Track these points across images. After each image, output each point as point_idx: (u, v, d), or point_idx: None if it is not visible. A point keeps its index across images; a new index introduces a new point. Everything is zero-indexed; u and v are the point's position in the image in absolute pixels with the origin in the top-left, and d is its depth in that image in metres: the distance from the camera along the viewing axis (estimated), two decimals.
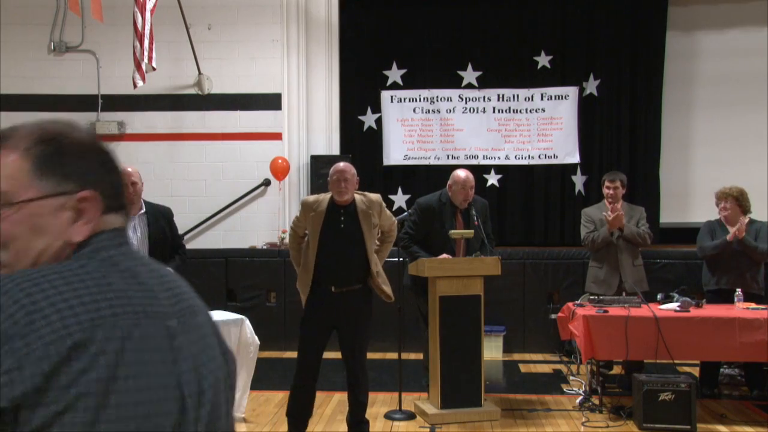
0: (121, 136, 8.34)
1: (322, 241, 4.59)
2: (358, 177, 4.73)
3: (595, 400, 5.57)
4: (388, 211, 4.87)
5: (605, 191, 6.22)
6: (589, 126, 8.66)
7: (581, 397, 5.70)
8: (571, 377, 6.60)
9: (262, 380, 5.74)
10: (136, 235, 4.60)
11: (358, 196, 4.72)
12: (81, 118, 8.31)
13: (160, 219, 4.70)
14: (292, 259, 4.89)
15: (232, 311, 5.78)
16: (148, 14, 6.85)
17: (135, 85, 6.90)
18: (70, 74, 8.36)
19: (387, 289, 4.78)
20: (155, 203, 4.80)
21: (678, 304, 5.47)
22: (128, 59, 6.95)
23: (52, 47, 8.32)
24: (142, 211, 4.65)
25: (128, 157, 7.92)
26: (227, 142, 8.38)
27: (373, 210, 4.68)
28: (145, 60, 6.83)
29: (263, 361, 5.67)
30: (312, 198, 4.79)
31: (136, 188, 4.57)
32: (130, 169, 4.61)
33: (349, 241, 4.61)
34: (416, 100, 8.75)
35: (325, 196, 4.71)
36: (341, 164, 4.73)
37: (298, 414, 4.77)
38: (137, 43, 6.79)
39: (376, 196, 4.80)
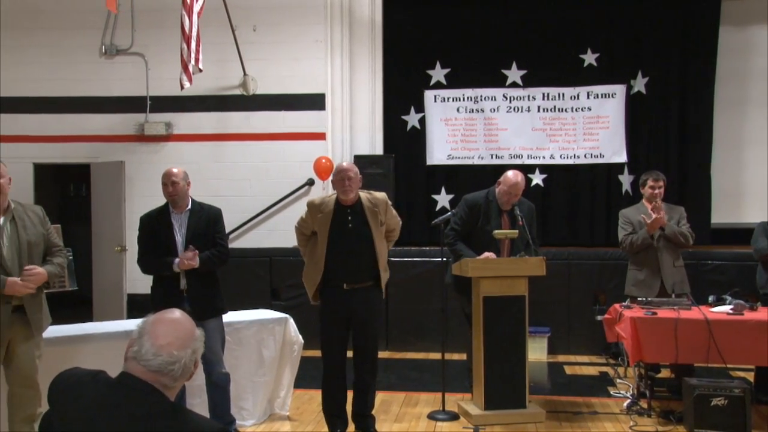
0: (168, 137, 8.48)
1: (332, 241, 4.68)
2: (361, 176, 4.80)
3: (644, 404, 5.44)
4: (394, 211, 4.93)
5: (648, 191, 6.08)
6: (637, 125, 8.50)
7: (629, 401, 5.58)
8: (618, 380, 6.47)
9: (306, 379, 5.77)
10: (181, 231, 4.67)
11: (363, 195, 4.79)
12: (130, 120, 8.51)
13: (204, 217, 4.74)
14: (302, 255, 4.94)
15: (276, 310, 5.83)
16: (195, 17, 6.95)
17: (182, 87, 7.00)
18: (120, 76, 8.54)
19: (382, 285, 4.86)
20: (205, 203, 4.85)
21: (731, 306, 5.31)
22: (176, 61, 7.06)
23: (104, 50, 8.51)
24: (188, 209, 4.71)
25: (174, 157, 8.07)
26: (271, 142, 8.46)
27: (380, 208, 4.75)
28: (192, 62, 6.93)
29: (307, 359, 5.69)
30: (318, 199, 4.88)
31: (177, 188, 4.63)
32: (175, 170, 4.69)
33: (357, 239, 4.69)
34: (460, 100, 8.71)
35: (331, 197, 4.82)
36: (344, 163, 4.84)
37: (334, 411, 4.84)
38: (184, 46, 6.90)
39: (382, 195, 4.87)
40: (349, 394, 4.93)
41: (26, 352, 4.11)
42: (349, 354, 4.87)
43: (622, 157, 8.47)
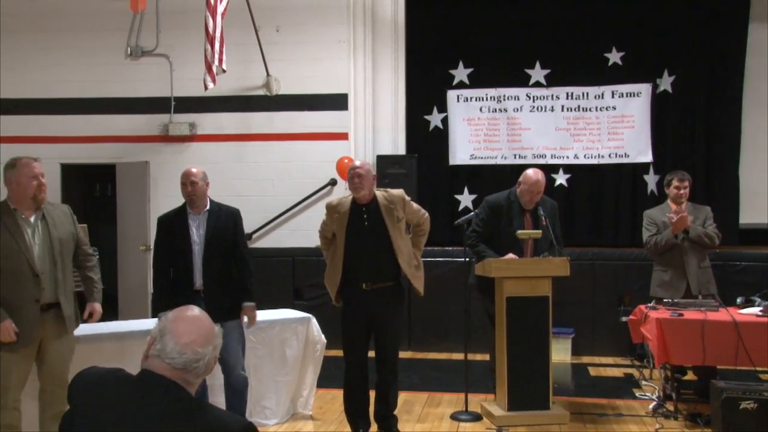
0: (192, 137, 8.54)
1: (349, 241, 4.70)
2: (374, 173, 4.83)
3: (670, 407, 5.38)
4: (415, 205, 4.90)
5: (673, 191, 6.00)
6: (663, 124, 8.39)
7: (654, 403, 5.52)
8: (644, 382, 6.40)
9: (329, 378, 5.78)
10: (199, 232, 4.68)
11: (379, 193, 4.80)
12: (154, 120, 8.58)
13: (222, 218, 4.75)
14: (325, 258, 4.97)
15: (298, 310, 5.85)
16: (219, 18, 6.99)
17: (206, 87, 7.04)
18: (145, 77, 8.62)
19: (416, 283, 4.82)
20: (223, 204, 4.87)
21: (760, 308, 5.22)
22: (200, 62, 7.10)
23: (129, 52, 8.59)
24: (207, 209, 4.73)
25: (198, 157, 8.12)
26: (294, 142, 8.48)
27: (396, 205, 4.74)
28: (216, 62, 6.97)
29: (329, 359, 5.70)
30: (335, 200, 4.90)
31: (196, 188, 4.65)
32: (194, 170, 4.71)
33: (374, 237, 4.68)
34: (483, 99, 8.66)
35: (347, 198, 4.83)
36: (356, 162, 4.89)
37: (356, 412, 4.84)
38: (208, 46, 6.94)
39: (398, 191, 4.87)
40: (372, 394, 4.92)
41: (58, 350, 4.17)
42: (372, 354, 4.87)
43: (647, 157, 8.37)
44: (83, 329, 4.49)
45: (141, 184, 8.48)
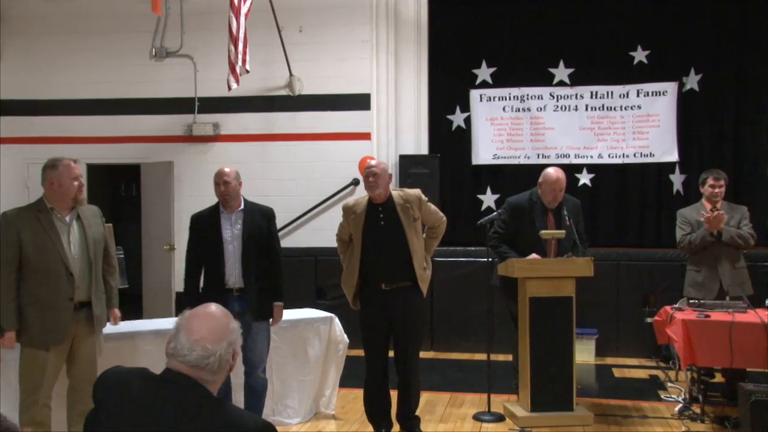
0: (216, 137, 8.59)
1: (365, 241, 4.70)
2: (390, 173, 4.82)
3: (696, 409, 5.31)
4: (432, 206, 4.87)
5: (708, 190, 5.91)
6: (689, 123, 8.29)
7: (680, 405, 5.45)
8: (669, 384, 6.33)
9: (351, 378, 5.78)
10: (233, 231, 4.70)
11: (395, 193, 4.78)
12: (179, 121, 8.65)
13: (257, 217, 4.78)
14: (342, 263, 4.96)
15: (321, 309, 5.87)
16: (242, 18, 7.02)
17: (229, 88, 7.08)
18: (169, 78, 8.69)
19: (423, 286, 4.77)
20: (256, 203, 4.90)
21: None
22: (223, 62, 7.14)
23: (154, 53, 8.66)
24: (241, 209, 4.76)
25: (222, 157, 8.16)
26: (316, 142, 8.50)
27: (412, 204, 4.71)
28: (239, 63, 7.00)
29: (352, 359, 5.70)
30: (351, 201, 4.92)
31: (229, 188, 4.68)
32: (227, 170, 4.74)
33: (390, 237, 4.67)
34: (506, 99, 8.62)
35: (363, 198, 4.83)
36: (372, 161, 4.87)
37: (377, 412, 4.84)
38: (232, 47, 6.97)
39: (414, 191, 4.85)
40: (394, 395, 4.92)
41: (89, 348, 4.23)
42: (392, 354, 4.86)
43: (673, 156, 8.28)
44: (108, 328, 4.54)
45: (165, 184, 8.56)
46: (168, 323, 5.19)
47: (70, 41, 8.80)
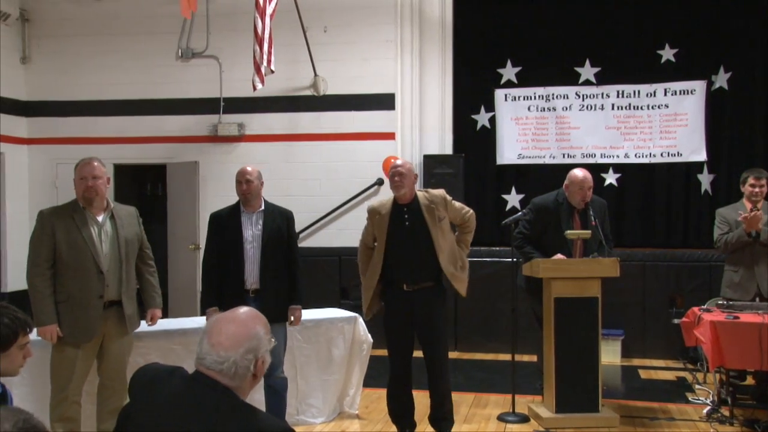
0: (241, 137, 8.64)
1: (390, 241, 4.66)
2: (416, 173, 4.79)
3: (725, 412, 5.23)
4: (457, 204, 4.82)
5: (748, 189, 5.79)
6: (718, 122, 8.17)
7: (709, 408, 5.37)
8: (697, 386, 6.25)
9: (375, 378, 5.77)
10: (252, 231, 4.71)
11: (420, 193, 4.75)
12: (204, 121, 8.71)
13: (277, 218, 4.78)
14: (360, 273, 4.91)
15: (345, 309, 5.87)
16: (267, 19, 7.05)
17: (254, 88, 7.11)
18: (195, 79, 8.76)
19: (458, 285, 4.73)
20: (276, 204, 4.91)
21: None
22: (248, 63, 7.18)
23: (179, 54, 8.73)
24: (261, 209, 4.76)
25: (247, 157, 8.21)
26: (341, 142, 8.51)
27: (437, 204, 4.68)
28: (264, 63, 7.03)
29: (376, 359, 5.70)
30: (376, 203, 4.89)
31: (251, 186, 4.69)
32: (249, 168, 4.75)
33: (415, 237, 4.63)
34: (531, 98, 8.57)
35: (388, 200, 4.80)
36: (397, 161, 4.85)
37: (401, 413, 4.82)
38: (257, 47, 7.01)
39: (439, 191, 4.81)
40: (416, 396, 4.89)
41: (118, 347, 4.28)
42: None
43: (701, 156, 8.16)
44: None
45: (191, 184, 8.63)
46: (193, 322, 5.24)
47: (97, 43, 8.91)
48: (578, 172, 5.44)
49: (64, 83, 8.96)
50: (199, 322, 5.12)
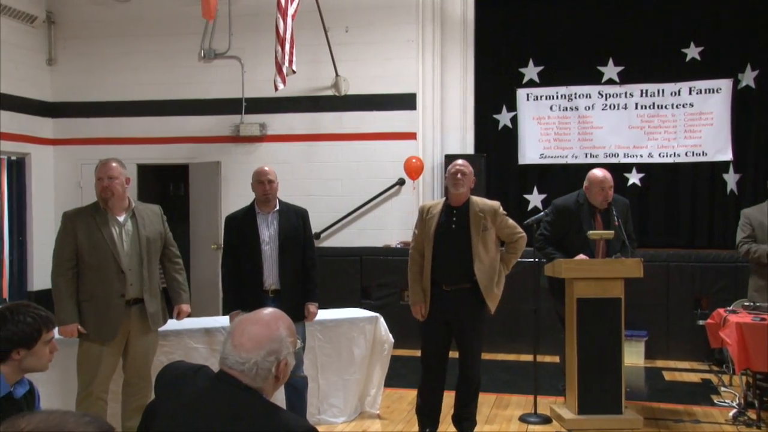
0: (263, 137, 8.68)
1: (436, 241, 4.66)
2: (475, 178, 4.81)
3: (752, 415, 5.15)
4: (510, 221, 4.78)
5: None
6: (744, 120, 8.05)
7: (735, 411, 5.30)
8: (723, 388, 6.16)
9: (396, 378, 5.77)
10: (269, 231, 4.73)
11: (474, 199, 4.74)
12: (226, 121, 8.77)
13: (293, 217, 4.80)
14: (410, 284, 4.79)
15: (366, 309, 5.87)
16: (289, 19, 7.07)
17: (276, 88, 7.14)
18: (217, 79, 8.82)
19: (490, 301, 4.67)
20: (291, 203, 4.92)
21: None
22: (270, 63, 7.21)
23: (202, 55, 8.80)
24: (277, 209, 4.78)
25: (268, 157, 8.25)
26: (362, 142, 8.52)
27: (486, 214, 4.67)
28: (286, 63, 7.05)
29: (397, 359, 5.69)
30: (430, 202, 4.92)
31: (273, 186, 4.72)
32: (267, 168, 4.78)
33: (457, 239, 4.64)
34: (553, 98, 8.51)
35: (440, 201, 4.83)
36: (460, 160, 4.88)
37: (428, 412, 4.80)
38: (279, 48, 7.03)
39: (494, 203, 4.78)
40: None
41: (142, 344, 4.32)
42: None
43: (727, 155, 8.05)
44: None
45: (213, 184, 8.68)
46: (216, 322, 5.27)
47: (121, 44, 9.00)
48: (598, 172, 5.40)
49: (89, 84, 9.07)
50: (222, 321, 5.15)
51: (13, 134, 8.47)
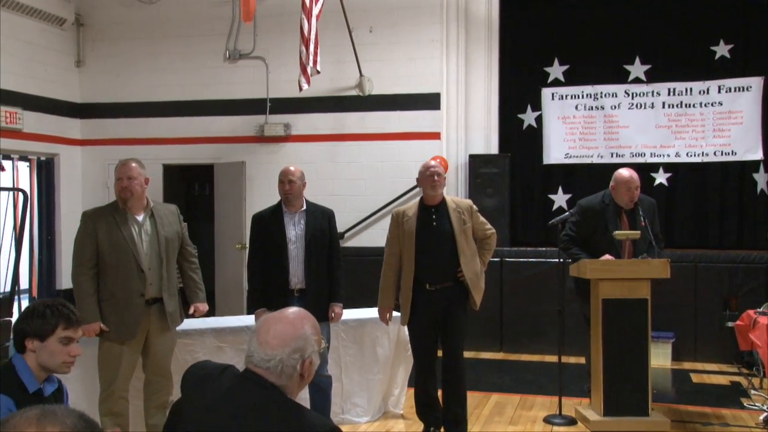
0: (287, 138, 8.72)
1: (419, 239, 4.70)
2: (445, 176, 4.89)
3: None
4: (482, 218, 4.89)
5: None
6: None
7: (766, 414, 5.21)
8: (753, 391, 6.06)
9: None
10: (296, 231, 4.75)
11: (448, 198, 4.85)
12: (251, 121, 8.82)
13: (319, 218, 4.82)
14: (381, 290, 4.91)
15: None
16: (314, 20, 7.08)
17: (300, 89, 7.16)
18: (242, 80, 8.86)
19: (475, 294, 4.73)
20: (318, 204, 4.94)
21: None
22: (295, 64, 7.23)
23: (227, 55, 8.86)
24: (303, 209, 4.79)
25: (293, 157, 8.28)
26: (386, 142, 8.51)
27: (463, 210, 4.78)
28: (310, 64, 7.07)
29: None
30: (403, 207, 4.96)
31: (293, 187, 4.73)
32: (292, 168, 4.80)
33: (440, 237, 4.70)
34: (578, 97, 8.44)
35: (414, 203, 4.89)
36: (431, 161, 5.01)
37: (426, 412, 4.84)
38: (303, 48, 7.05)
39: (466, 201, 4.98)
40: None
41: (162, 343, 4.35)
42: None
43: (757, 155, 7.92)
44: (183, 324, 4.65)
45: (237, 184, 8.73)
46: (240, 321, 5.30)
47: (148, 46, 9.09)
48: (624, 172, 5.36)
49: (116, 85, 9.17)
50: (246, 320, 5.18)
51: (42, 135, 8.60)
